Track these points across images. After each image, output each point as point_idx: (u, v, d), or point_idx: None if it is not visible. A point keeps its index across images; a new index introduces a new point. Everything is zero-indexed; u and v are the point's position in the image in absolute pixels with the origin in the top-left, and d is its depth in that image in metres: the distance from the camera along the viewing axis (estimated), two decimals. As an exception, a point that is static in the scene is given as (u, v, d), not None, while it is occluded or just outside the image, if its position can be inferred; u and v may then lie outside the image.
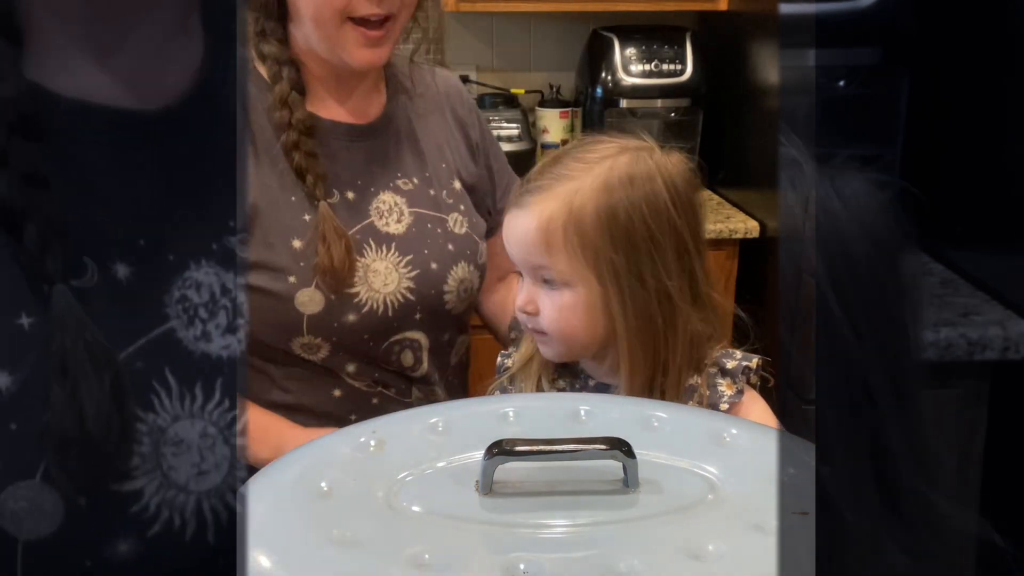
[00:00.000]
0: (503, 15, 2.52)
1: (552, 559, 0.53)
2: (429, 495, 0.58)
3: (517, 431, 0.63)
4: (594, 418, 0.68)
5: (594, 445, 0.58)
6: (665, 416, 0.69)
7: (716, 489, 0.59)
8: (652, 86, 2.33)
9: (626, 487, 0.58)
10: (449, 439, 0.65)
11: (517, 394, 1.00)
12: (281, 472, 0.62)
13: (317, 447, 0.66)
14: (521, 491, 0.58)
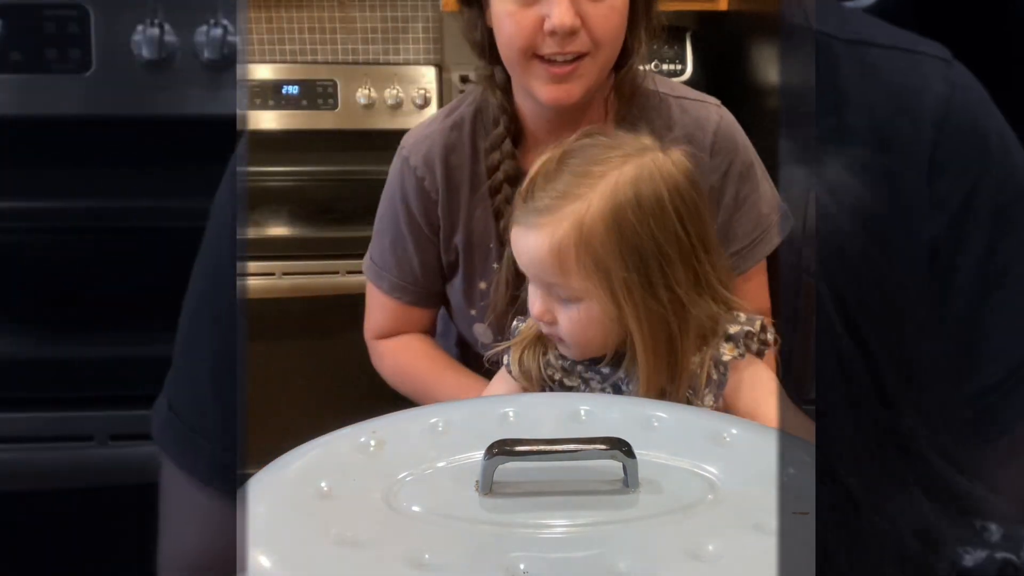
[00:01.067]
0: (503, 15, 2.52)
1: (552, 559, 0.53)
2: (429, 495, 0.58)
3: (517, 431, 0.63)
4: (594, 418, 0.69)
5: (594, 445, 0.58)
6: (665, 416, 0.69)
7: (716, 489, 0.59)
8: (652, 86, 2.33)
9: (626, 487, 0.58)
10: (449, 439, 0.65)
11: (517, 394, 1.00)
12: (281, 472, 0.62)
13: (317, 447, 0.66)
14: (521, 491, 0.58)
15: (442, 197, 1.16)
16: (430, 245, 1.20)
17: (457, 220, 1.17)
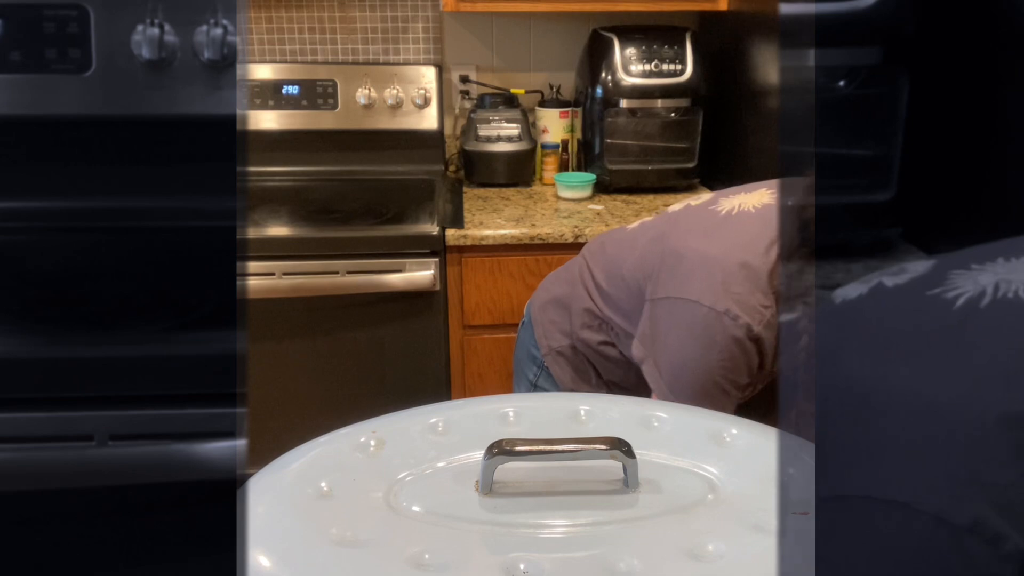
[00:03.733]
0: (503, 15, 2.51)
1: (552, 559, 0.53)
2: (429, 495, 0.58)
3: (517, 431, 0.63)
4: (594, 418, 0.68)
5: (594, 445, 0.58)
6: (665, 416, 0.69)
7: (716, 489, 0.59)
8: (652, 86, 2.32)
9: (626, 487, 0.58)
10: (449, 439, 0.65)
11: (517, 394, 1.00)
12: (281, 472, 0.62)
13: (317, 447, 0.66)
14: (521, 491, 0.58)
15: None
16: None
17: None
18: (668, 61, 2.32)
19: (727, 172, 2.40)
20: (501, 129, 2.39)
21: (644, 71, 2.33)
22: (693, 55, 2.33)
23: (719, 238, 1.08)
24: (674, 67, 2.32)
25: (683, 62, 2.32)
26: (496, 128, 2.39)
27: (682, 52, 2.33)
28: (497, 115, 2.40)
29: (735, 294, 1.00)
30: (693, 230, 1.13)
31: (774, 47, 2.08)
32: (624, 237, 1.30)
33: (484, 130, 2.38)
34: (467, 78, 2.58)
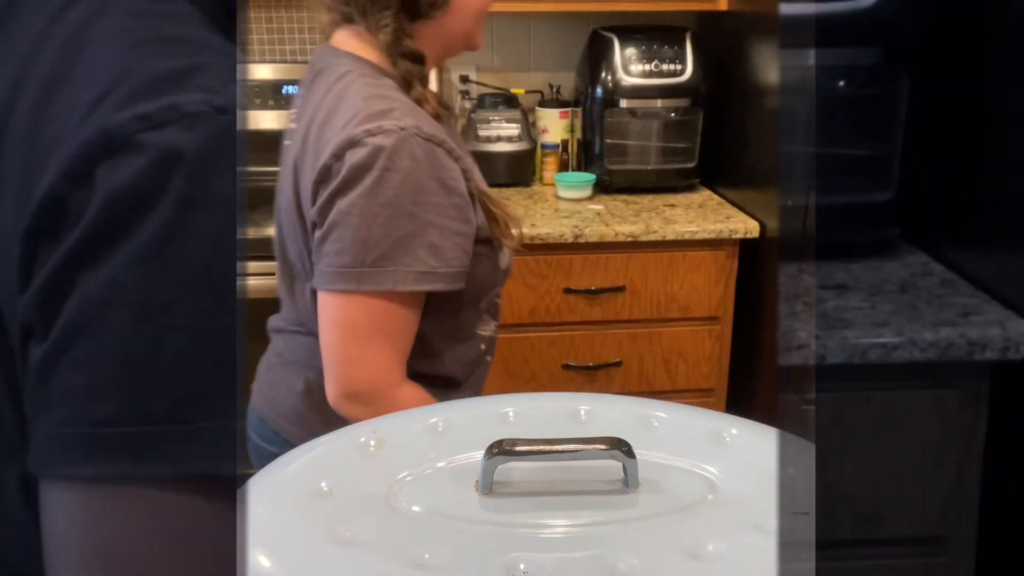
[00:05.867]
0: (503, 15, 2.52)
1: (552, 559, 0.53)
2: (429, 495, 0.58)
3: (517, 431, 0.63)
4: (594, 418, 0.68)
5: (594, 445, 0.58)
6: (665, 416, 0.69)
7: (716, 489, 0.59)
8: (652, 86, 2.32)
9: (626, 487, 0.58)
10: (449, 439, 0.65)
11: (517, 394, 1.00)
12: (281, 472, 0.62)
13: (317, 447, 0.66)
14: (521, 491, 0.58)
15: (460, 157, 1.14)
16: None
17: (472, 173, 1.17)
18: (668, 61, 2.32)
19: (727, 172, 2.40)
20: (501, 129, 2.39)
21: (644, 71, 2.33)
22: (693, 55, 2.33)
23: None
24: (674, 67, 2.32)
25: (683, 62, 2.32)
26: (496, 128, 2.39)
27: (682, 52, 2.33)
28: (497, 115, 2.40)
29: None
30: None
31: (774, 47, 2.08)
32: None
33: (484, 130, 2.38)
34: (467, 78, 2.58)
